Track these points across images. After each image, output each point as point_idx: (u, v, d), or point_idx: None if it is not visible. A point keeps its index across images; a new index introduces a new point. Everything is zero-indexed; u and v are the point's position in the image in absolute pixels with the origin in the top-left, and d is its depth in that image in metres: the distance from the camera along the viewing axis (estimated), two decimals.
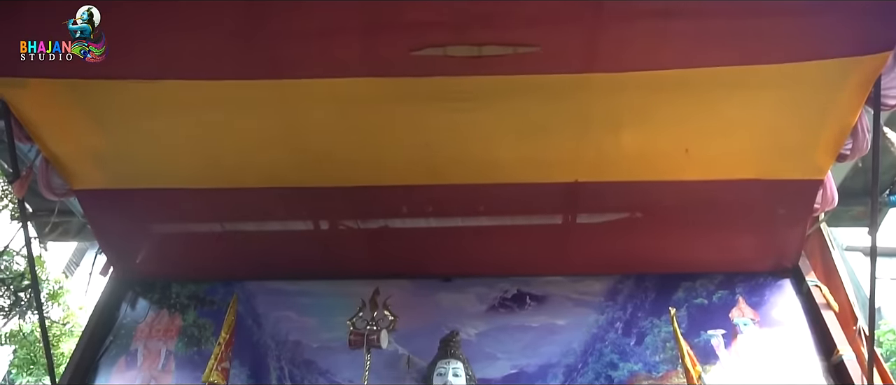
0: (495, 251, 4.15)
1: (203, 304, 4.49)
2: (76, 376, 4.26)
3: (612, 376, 3.87)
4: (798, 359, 3.89)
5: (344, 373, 3.95)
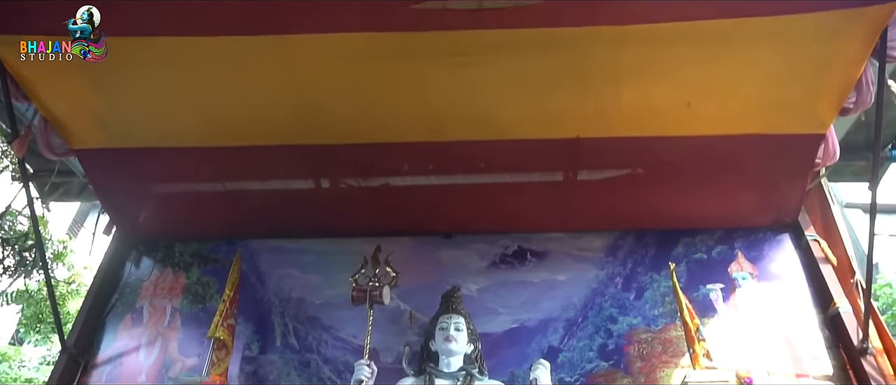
0: (496, 208, 4.16)
1: (206, 263, 4.53)
2: (84, 333, 4.33)
3: (612, 330, 3.93)
4: (795, 312, 3.95)
5: (347, 328, 4.02)
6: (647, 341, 3.87)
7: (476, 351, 3.47)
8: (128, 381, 4.07)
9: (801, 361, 3.77)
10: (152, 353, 4.20)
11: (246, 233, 4.52)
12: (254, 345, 4.06)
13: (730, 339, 3.86)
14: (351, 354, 3.84)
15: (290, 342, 4.05)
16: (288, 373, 3.92)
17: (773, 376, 3.72)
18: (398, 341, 3.82)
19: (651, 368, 3.77)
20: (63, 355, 4.33)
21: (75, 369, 4.20)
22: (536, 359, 3.20)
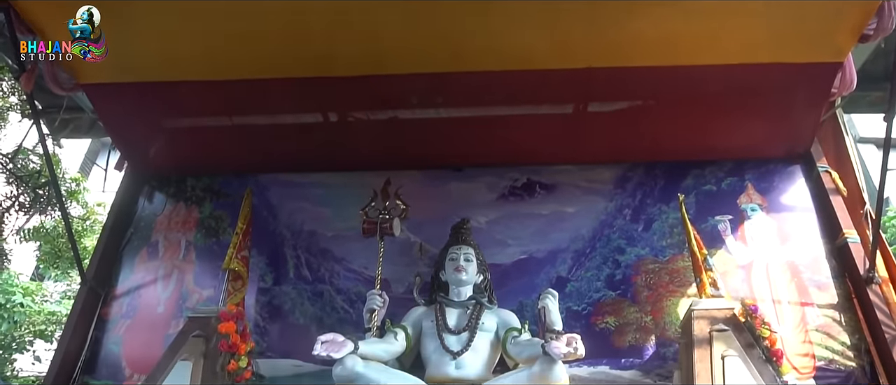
0: (505, 140, 4.15)
1: (218, 197, 4.57)
2: (102, 267, 4.43)
3: (619, 260, 3.98)
4: (803, 242, 3.97)
5: (359, 260, 4.09)
6: (654, 272, 3.92)
7: (485, 281, 3.53)
8: (147, 312, 4.20)
9: (806, 291, 3.82)
10: (169, 285, 4.31)
11: (256, 167, 4.54)
12: (268, 276, 4.15)
13: (737, 268, 3.91)
14: (363, 285, 3.93)
15: (303, 273, 4.14)
16: (302, 303, 4.02)
17: (778, 305, 3.78)
18: (409, 272, 3.89)
19: (657, 297, 3.83)
20: (83, 288, 4.45)
21: (96, 301, 4.33)
22: (545, 288, 3.24)
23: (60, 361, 4.07)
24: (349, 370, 2.79)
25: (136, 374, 3.92)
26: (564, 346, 2.64)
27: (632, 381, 3.57)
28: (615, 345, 3.70)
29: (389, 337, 3.21)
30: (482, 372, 3.08)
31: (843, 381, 3.53)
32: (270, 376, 3.74)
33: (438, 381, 3.00)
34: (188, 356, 3.24)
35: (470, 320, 3.23)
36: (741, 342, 3.11)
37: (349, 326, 3.64)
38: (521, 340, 3.11)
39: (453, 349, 3.11)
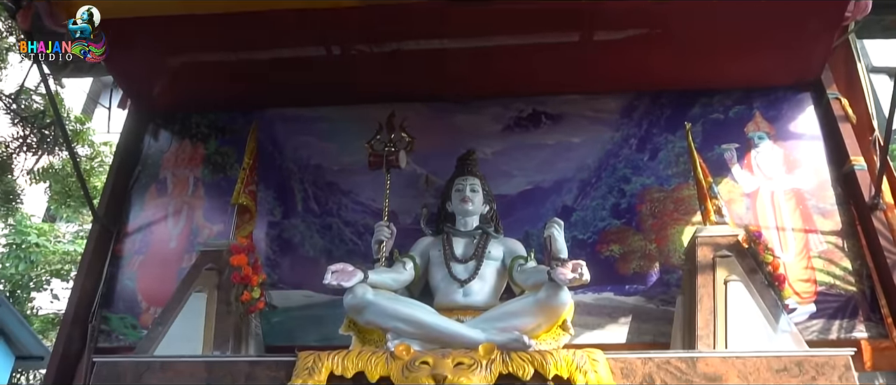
0: (511, 71, 4.10)
1: (223, 133, 4.58)
2: (112, 205, 4.49)
3: (625, 189, 3.99)
4: (809, 169, 3.97)
5: (365, 192, 4.12)
6: (659, 200, 3.94)
7: (491, 211, 3.56)
8: (159, 248, 4.27)
9: (810, 218, 3.85)
10: (180, 221, 4.37)
11: (260, 103, 4.52)
12: (276, 210, 4.20)
13: (742, 196, 3.93)
14: (370, 217, 3.97)
15: (311, 207, 4.18)
16: (310, 236, 4.08)
17: (782, 232, 3.81)
18: (415, 204, 3.93)
19: (662, 226, 3.87)
20: (95, 225, 4.52)
21: (108, 239, 4.40)
22: (550, 218, 3.27)
23: (78, 298, 4.18)
24: (359, 298, 2.86)
25: (153, 307, 4.03)
26: (570, 272, 2.69)
27: (636, 307, 3.64)
28: (620, 272, 3.76)
29: (398, 267, 3.27)
30: (489, 299, 3.15)
31: (843, 305, 3.59)
32: (282, 306, 3.85)
33: (446, 308, 3.07)
34: (202, 288, 3.32)
35: (477, 249, 3.28)
36: (744, 268, 3.16)
37: (358, 258, 3.70)
38: (527, 268, 3.16)
39: (461, 277, 3.18)
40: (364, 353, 2.77)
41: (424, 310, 2.95)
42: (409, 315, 2.86)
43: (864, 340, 3.47)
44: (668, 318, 3.50)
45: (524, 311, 2.83)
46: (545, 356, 2.66)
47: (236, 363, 2.90)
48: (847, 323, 3.55)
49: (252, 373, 2.85)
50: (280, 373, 2.82)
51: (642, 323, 3.60)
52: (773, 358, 2.69)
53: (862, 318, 3.54)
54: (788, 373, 2.65)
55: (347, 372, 2.72)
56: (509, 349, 2.70)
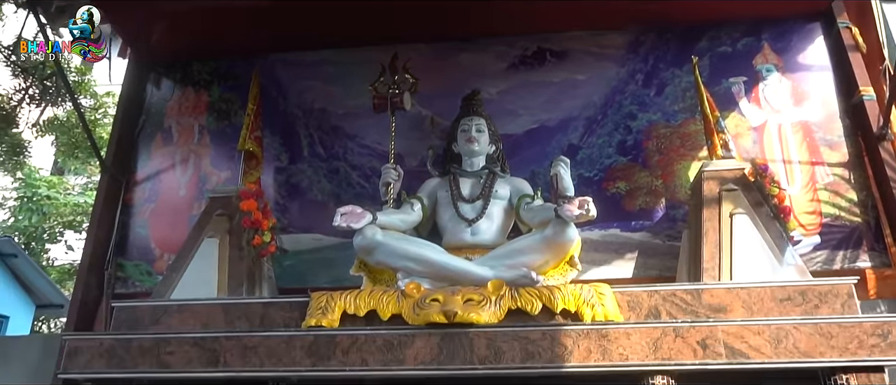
0: (514, 8, 4.01)
1: (226, 80, 4.54)
2: (119, 154, 4.51)
3: (631, 126, 3.97)
4: (817, 101, 3.93)
5: (371, 135, 4.11)
6: (665, 136, 3.93)
7: (498, 151, 3.56)
8: (169, 196, 4.32)
9: (817, 150, 3.83)
10: (187, 169, 4.40)
11: (261, 48, 4.46)
12: (283, 155, 4.21)
13: (749, 130, 3.91)
14: (377, 160, 3.97)
15: (317, 151, 4.19)
16: (318, 180, 4.11)
17: (789, 165, 3.81)
18: (421, 146, 3.93)
19: (668, 161, 3.87)
20: (104, 176, 4.56)
21: (118, 188, 4.44)
22: (556, 156, 3.26)
23: (92, 247, 4.26)
24: (369, 239, 2.91)
25: (166, 254, 4.11)
26: (576, 207, 2.71)
27: (642, 243, 3.68)
28: (626, 208, 3.78)
29: (406, 208, 3.30)
30: (497, 237, 3.19)
31: (848, 235, 3.62)
32: (293, 250, 3.91)
33: (455, 247, 3.11)
34: (214, 234, 3.38)
35: (483, 189, 3.30)
36: (750, 201, 3.17)
37: (366, 201, 3.73)
38: (533, 206, 3.19)
39: (468, 217, 3.21)
40: (375, 292, 2.84)
41: (433, 249, 2.99)
42: (418, 254, 2.91)
43: (869, 269, 3.52)
44: (673, 252, 3.54)
45: (532, 248, 2.87)
46: (553, 291, 2.72)
47: (251, 305, 2.98)
48: (851, 253, 3.59)
49: (267, 314, 2.93)
50: (294, 313, 2.90)
51: (648, 258, 3.65)
52: (776, 288, 2.75)
53: (866, 247, 3.57)
54: (792, 302, 2.70)
55: (360, 311, 2.79)
56: (518, 285, 2.76)
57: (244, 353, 2.69)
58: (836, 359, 2.46)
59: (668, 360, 2.50)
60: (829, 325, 2.51)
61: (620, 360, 2.51)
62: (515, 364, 2.53)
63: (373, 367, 2.60)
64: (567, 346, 2.54)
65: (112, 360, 2.78)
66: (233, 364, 2.69)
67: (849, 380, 2.47)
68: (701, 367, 2.49)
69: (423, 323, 2.62)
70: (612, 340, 2.54)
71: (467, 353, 2.56)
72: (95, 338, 2.97)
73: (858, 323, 2.51)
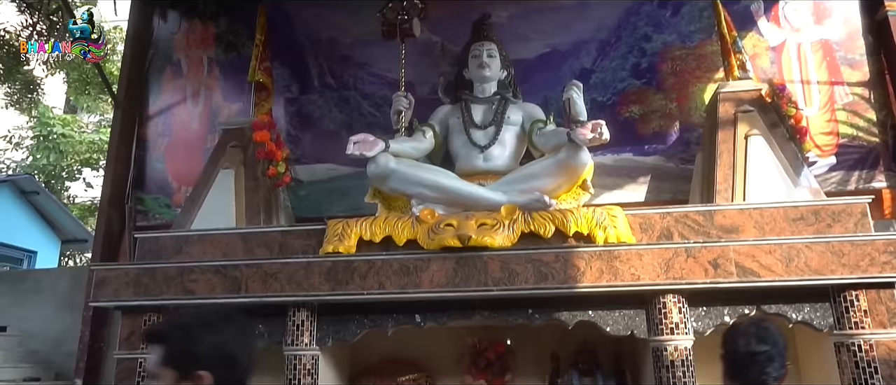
0: None
1: (231, 11, 4.48)
2: (131, 90, 4.52)
3: (645, 48, 3.89)
4: (839, 19, 3.82)
5: (380, 63, 4.07)
6: (681, 58, 3.85)
7: (509, 76, 3.50)
8: (183, 129, 4.35)
9: (837, 69, 3.75)
10: (199, 102, 4.41)
11: None
12: (293, 86, 4.20)
13: (767, 50, 3.81)
14: (387, 88, 3.94)
15: (328, 81, 4.16)
16: (329, 110, 4.10)
17: (807, 85, 3.74)
18: (432, 73, 3.89)
19: (683, 84, 3.81)
20: (117, 111, 4.59)
21: (132, 123, 4.48)
22: (569, 80, 3.21)
23: (111, 181, 4.33)
24: (382, 167, 2.92)
25: (183, 187, 4.17)
26: (589, 132, 2.69)
27: (655, 166, 3.68)
28: (639, 132, 3.76)
29: (418, 135, 3.30)
30: (509, 163, 3.19)
31: (864, 156, 3.59)
32: (308, 180, 3.96)
33: (468, 173, 3.12)
34: (229, 165, 3.41)
35: (495, 115, 3.28)
36: (766, 122, 3.13)
37: (378, 130, 3.71)
38: (546, 131, 3.17)
39: (480, 143, 3.20)
40: (390, 218, 2.88)
41: (447, 175, 3.01)
42: (432, 180, 2.93)
43: (885, 189, 3.50)
44: (686, 176, 3.53)
45: (545, 173, 2.88)
46: (566, 214, 2.74)
47: (269, 233, 3.05)
48: (866, 173, 3.57)
49: (285, 242, 2.99)
50: (311, 241, 2.96)
51: (661, 182, 3.66)
52: (789, 208, 2.75)
53: (882, 167, 3.55)
54: (805, 221, 2.71)
55: (376, 237, 2.84)
56: (531, 209, 2.78)
57: (265, 279, 2.77)
58: (846, 276, 2.48)
59: (679, 280, 2.54)
60: (841, 243, 2.53)
61: (632, 280, 2.56)
62: (529, 285, 2.59)
63: (390, 291, 2.67)
64: (579, 267, 2.58)
65: (139, 289, 2.87)
66: (254, 290, 2.77)
67: (858, 296, 2.50)
68: (712, 285, 2.53)
69: (438, 247, 2.67)
70: (624, 261, 2.58)
71: (481, 276, 2.62)
72: (121, 267, 3.07)
73: (870, 241, 2.52)
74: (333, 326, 2.80)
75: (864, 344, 2.45)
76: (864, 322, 2.47)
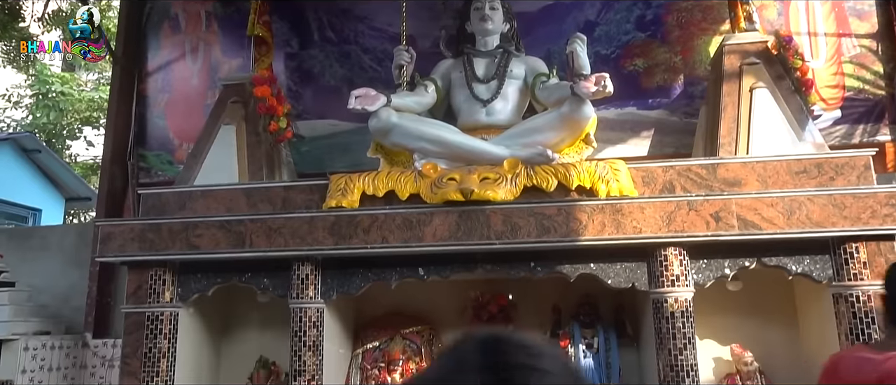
0: None
1: None
2: (129, 45, 4.47)
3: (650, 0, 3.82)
4: None
5: (381, 17, 4.01)
6: (686, 9, 3.78)
7: (512, 29, 3.45)
8: (183, 85, 4.32)
9: (845, 21, 3.69)
10: (198, 57, 4.36)
11: None
12: (293, 41, 4.14)
13: (774, 1, 3.74)
14: (388, 42, 3.88)
15: (328, 35, 4.10)
16: (330, 65, 4.06)
17: (814, 37, 3.68)
18: (434, 27, 3.82)
19: (688, 36, 3.75)
20: (116, 67, 4.55)
21: (131, 79, 4.44)
22: (572, 33, 3.16)
23: (113, 138, 4.33)
24: (384, 121, 2.91)
25: (185, 144, 4.17)
26: (593, 84, 2.67)
27: (658, 120, 3.66)
28: (643, 86, 3.72)
29: (420, 90, 3.27)
30: (512, 117, 3.17)
31: (870, 109, 3.57)
32: (310, 136, 3.94)
33: (470, 127, 3.10)
34: (230, 121, 3.40)
35: (498, 68, 3.24)
36: (771, 74, 3.10)
37: (379, 85, 3.67)
38: (549, 85, 3.14)
39: (483, 97, 3.17)
40: (393, 173, 2.89)
41: (449, 129, 3.00)
42: (434, 135, 2.92)
43: (888, 142, 3.49)
44: (690, 130, 3.52)
45: (547, 126, 2.87)
46: (568, 168, 2.74)
47: (272, 189, 3.06)
48: (871, 127, 3.55)
49: (288, 197, 3.01)
50: (314, 196, 2.97)
51: (664, 136, 3.64)
52: (792, 161, 2.74)
53: (887, 121, 3.53)
54: (807, 174, 2.71)
55: (378, 191, 2.85)
56: (533, 163, 2.78)
57: (269, 234, 2.79)
58: (847, 228, 2.50)
59: (680, 233, 2.56)
60: (843, 195, 2.53)
61: (634, 233, 2.58)
62: (531, 239, 2.61)
63: (393, 245, 2.70)
64: (582, 220, 2.60)
65: (144, 244, 2.90)
66: (259, 245, 2.80)
67: (858, 248, 2.52)
68: (713, 238, 2.55)
69: (441, 201, 2.68)
70: (626, 214, 2.59)
71: (484, 229, 2.64)
72: (126, 223, 3.09)
73: (872, 193, 2.53)
74: (338, 280, 2.84)
75: (863, 295, 2.48)
76: (863, 274, 2.50)
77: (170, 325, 2.93)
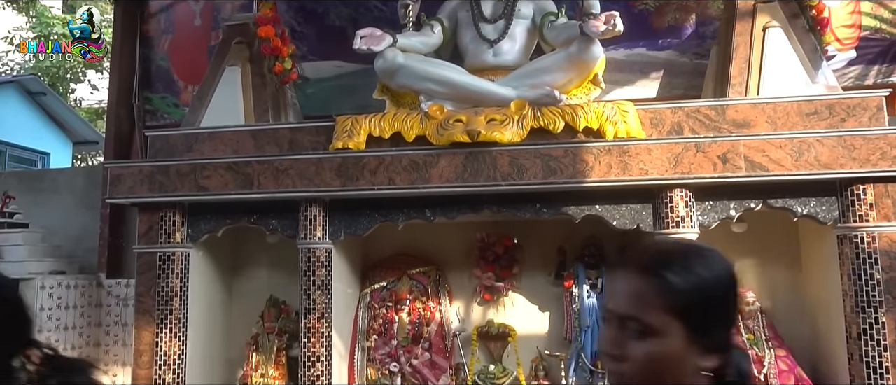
0: None
1: None
2: None
3: None
4: None
5: None
6: None
7: None
8: (186, 26, 4.26)
9: None
10: None
11: None
12: None
13: None
14: None
15: None
16: (334, 4, 3.95)
17: None
18: None
19: None
20: (118, 6, 4.49)
21: (134, 20, 4.37)
22: None
23: (118, 80, 4.29)
24: (390, 62, 2.88)
25: (190, 86, 4.14)
26: (602, 23, 2.62)
27: (668, 61, 3.59)
28: (654, 26, 3.64)
29: (426, 30, 3.22)
30: (520, 58, 3.12)
31: (886, 49, 3.49)
32: (315, 78, 3.90)
33: (477, 68, 3.07)
34: (235, 62, 3.36)
35: (506, 8, 3.17)
36: (786, 13, 3.02)
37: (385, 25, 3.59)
38: (557, 24, 3.08)
39: (490, 37, 3.12)
40: (400, 114, 2.88)
41: (456, 70, 2.96)
42: (440, 75, 2.89)
43: None
44: (700, 71, 3.46)
45: (555, 67, 2.83)
46: (575, 109, 2.72)
47: (279, 130, 3.06)
48: (886, 68, 3.48)
49: (294, 138, 3.01)
50: (320, 137, 2.97)
51: (674, 77, 3.58)
52: (803, 102, 2.71)
53: None
54: (818, 116, 2.68)
55: (385, 133, 2.85)
56: (540, 104, 2.76)
57: (276, 175, 2.81)
58: (856, 170, 2.48)
59: (687, 174, 2.55)
60: (853, 137, 2.51)
61: (640, 175, 2.58)
62: (537, 180, 2.62)
63: (400, 186, 2.71)
64: (588, 162, 2.59)
65: (153, 185, 2.93)
66: (266, 186, 2.82)
67: (865, 189, 2.52)
68: (719, 180, 2.55)
69: (447, 143, 2.68)
70: (633, 156, 2.58)
71: (491, 171, 2.64)
72: (135, 165, 3.11)
73: (883, 135, 2.50)
74: (345, 221, 2.87)
75: (867, 236, 2.49)
76: (868, 215, 2.50)
77: (181, 264, 2.99)
